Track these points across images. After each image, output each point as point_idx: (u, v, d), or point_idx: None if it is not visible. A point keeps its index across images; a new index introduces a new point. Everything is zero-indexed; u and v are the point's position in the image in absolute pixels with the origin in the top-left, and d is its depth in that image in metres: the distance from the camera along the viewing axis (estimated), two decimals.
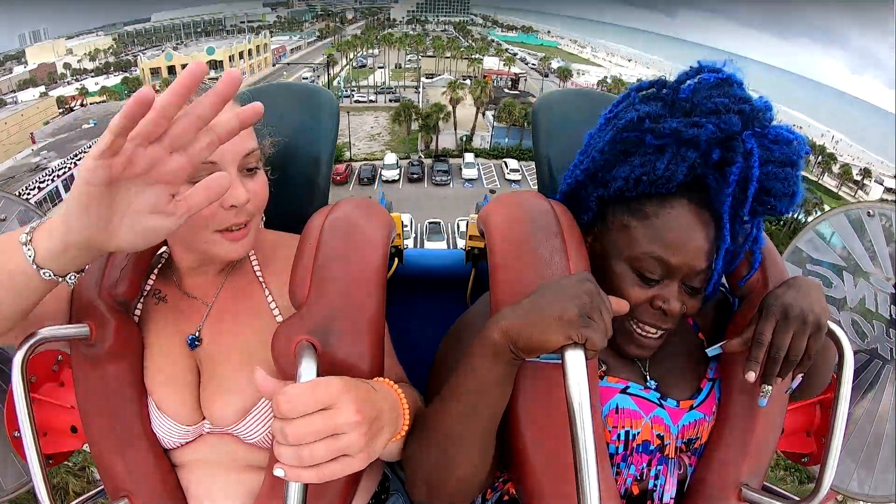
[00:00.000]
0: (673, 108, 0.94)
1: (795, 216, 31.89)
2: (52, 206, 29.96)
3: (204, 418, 1.00)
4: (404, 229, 26.82)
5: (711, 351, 0.99)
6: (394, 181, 36.86)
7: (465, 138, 44.24)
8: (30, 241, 0.68)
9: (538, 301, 0.78)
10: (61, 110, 43.65)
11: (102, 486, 1.02)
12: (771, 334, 0.89)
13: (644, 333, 0.96)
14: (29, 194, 28.53)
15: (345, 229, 0.99)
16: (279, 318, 1.01)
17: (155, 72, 57.32)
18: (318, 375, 0.75)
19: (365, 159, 40.70)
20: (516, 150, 42.35)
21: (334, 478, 0.67)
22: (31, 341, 0.87)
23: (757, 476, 0.97)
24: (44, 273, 0.69)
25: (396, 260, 1.56)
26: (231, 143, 0.86)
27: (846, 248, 1.30)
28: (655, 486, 0.98)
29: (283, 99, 1.27)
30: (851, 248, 1.30)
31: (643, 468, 0.98)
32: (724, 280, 1.07)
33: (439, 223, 28.93)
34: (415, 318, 1.52)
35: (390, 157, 39.69)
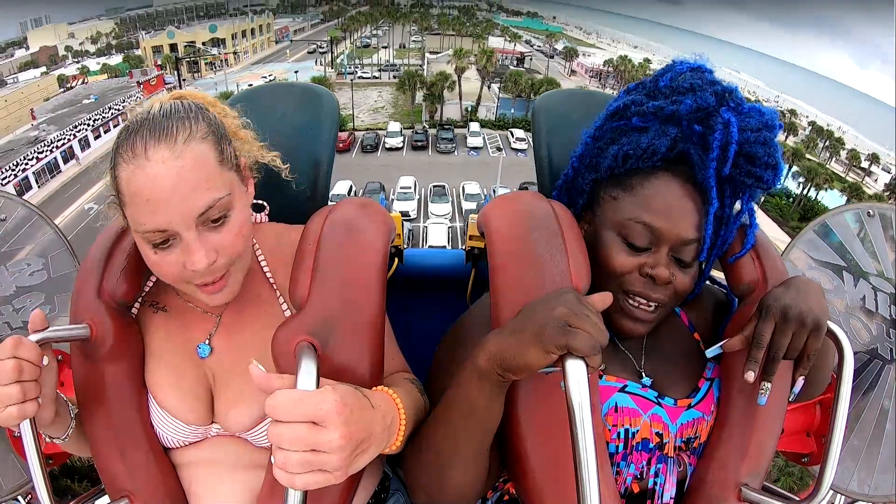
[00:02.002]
0: (654, 96, 1.01)
1: (804, 192, 31.61)
2: (51, 177, 30.41)
3: (213, 422, 1.00)
4: (408, 191, 26.93)
5: (711, 352, 0.99)
6: (397, 149, 36.57)
7: (470, 109, 43.79)
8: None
9: (518, 322, 0.79)
10: (62, 89, 43.54)
11: (102, 486, 1.02)
12: (770, 335, 0.90)
13: (636, 304, 0.96)
14: (27, 164, 28.97)
15: (344, 230, 0.99)
16: None
17: (157, 50, 56.99)
18: (318, 376, 0.75)
19: (368, 129, 40.36)
20: (522, 122, 41.75)
21: (307, 489, 0.68)
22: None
23: (757, 476, 0.97)
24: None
25: (396, 260, 1.59)
26: (178, 203, 0.81)
27: (846, 248, 1.31)
28: (655, 484, 0.98)
29: (283, 99, 1.28)
30: (851, 248, 1.31)
31: (643, 466, 0.99)
32: (724, 280, 1.09)
33: (444, 186, 28.78)
34: (415, 317, 1.54)
35: (394, 126, 39.36)
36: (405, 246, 1.61)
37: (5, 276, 1.26)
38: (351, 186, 27.57)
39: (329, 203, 1.17)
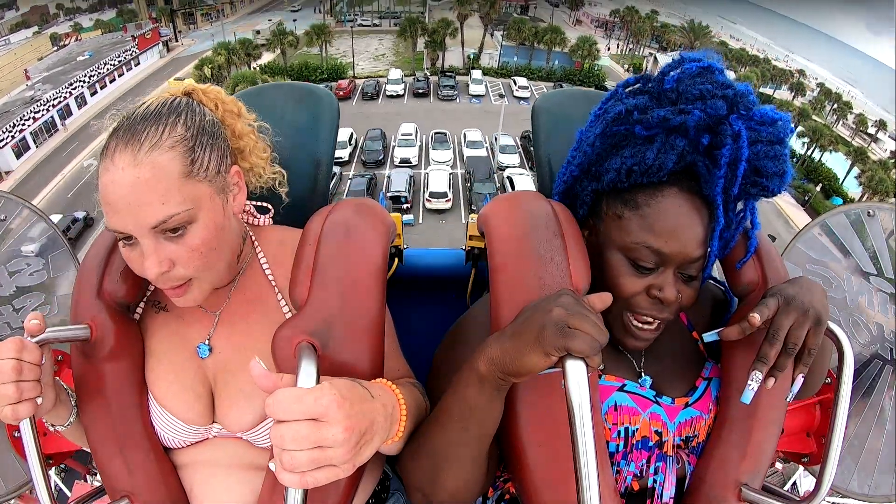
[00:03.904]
0: (659, 100, 0.96)
1: (809, 152, 31.03)
2: (48, 136, 30.33)
3: (213, 422, 1.00)
4: (409, 137, 26.81)
5: (708, 337, 0.98)
6: (398, 96, 36.60)
7: (472, 56, 43.13)
8: None
9: (517, 326, 0.79)
10: (56, 47, 42.71)
11: (102, 486, 1.02)
12: (772, 317, 0.89)
13: (640, 324, 0.96)
14: (24, 125, 28.70)
15: (344, 230, 0.99)
16: None
17: (151, 2, 55.44)
18: (319, 376, 0.74)
19: (369, 76, 40.07)
20: (525, 70, 41.20)
21: (318, 485, 0.68)
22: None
23: (757, 476, 0.98)
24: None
25: (396, 260, 1.59)
26: (132, 212, 0.82)
27: (846, 248, 1.30)
28: (655, 483, 0.99)
29: (283, 99, 1.28)
30: (851, 248, 1.30)
31: (643, 465, 0.99)
32: (724, 280, 1.08)
33: (445, 133, 28.68)
34: (415, 317, 1.55)
35: (395, 73, 39.00)
36: (405, 246, 1.63)
37: (5, 276, 1.26)
38: (352, 134, 27.54)
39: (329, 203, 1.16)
